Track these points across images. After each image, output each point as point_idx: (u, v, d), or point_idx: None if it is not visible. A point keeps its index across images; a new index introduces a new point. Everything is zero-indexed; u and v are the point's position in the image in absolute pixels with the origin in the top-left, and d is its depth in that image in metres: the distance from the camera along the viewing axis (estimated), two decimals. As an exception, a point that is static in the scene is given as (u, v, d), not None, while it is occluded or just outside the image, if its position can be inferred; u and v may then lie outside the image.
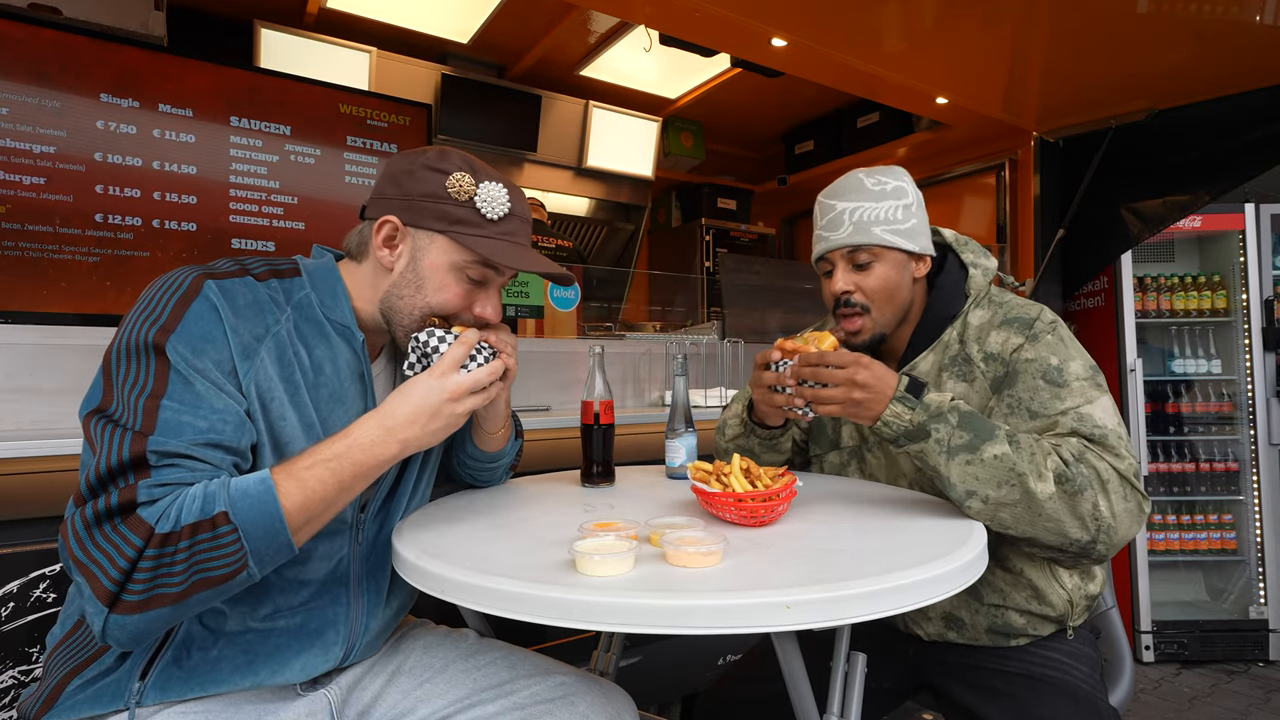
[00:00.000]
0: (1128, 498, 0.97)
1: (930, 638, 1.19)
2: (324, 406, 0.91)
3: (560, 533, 0.93)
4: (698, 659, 2.09)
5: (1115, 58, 2.59)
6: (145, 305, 0.82)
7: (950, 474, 0.97)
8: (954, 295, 1.19)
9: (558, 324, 2.71)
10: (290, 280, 0.93)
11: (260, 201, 2.62)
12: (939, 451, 0.97)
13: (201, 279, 0.84)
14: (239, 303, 0.85)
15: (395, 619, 1.06)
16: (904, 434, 1.00)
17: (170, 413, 0.76)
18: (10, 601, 1.31)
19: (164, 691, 0.83)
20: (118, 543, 0.70)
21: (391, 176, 0.96)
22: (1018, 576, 1.11)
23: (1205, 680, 2.87)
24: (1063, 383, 1.04)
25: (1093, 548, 0.97)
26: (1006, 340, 1.11)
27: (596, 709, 0.94)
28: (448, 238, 0.94)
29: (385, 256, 0.95)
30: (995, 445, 0.95)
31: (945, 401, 0.99)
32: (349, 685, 0.98)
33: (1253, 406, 3.11)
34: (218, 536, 0.73)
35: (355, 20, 3.09)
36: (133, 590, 0.70)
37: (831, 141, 4.09)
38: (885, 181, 1.16)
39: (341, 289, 0.95)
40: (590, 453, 1.26)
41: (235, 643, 0.87)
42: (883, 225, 1.14)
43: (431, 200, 0.93)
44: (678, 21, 2.43)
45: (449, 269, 0.95)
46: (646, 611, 0.68)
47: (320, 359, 0.91)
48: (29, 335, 1.53)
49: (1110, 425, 1.01)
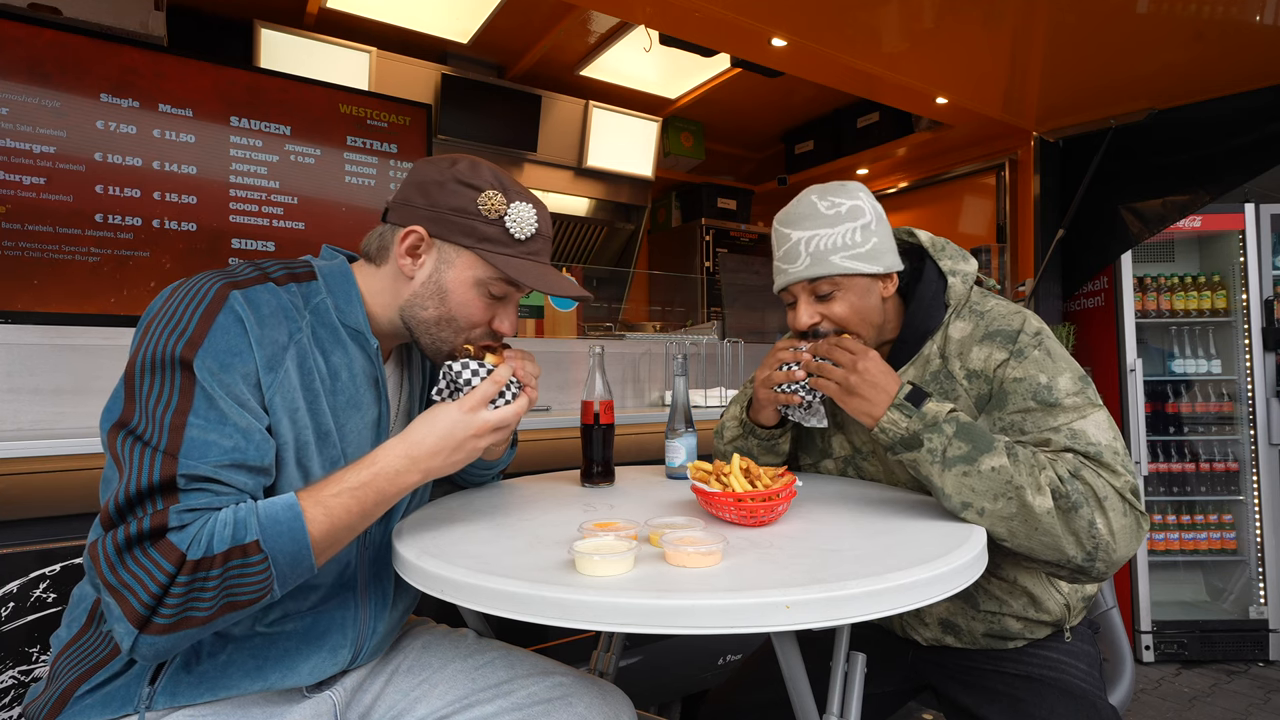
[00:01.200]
0: (1126, 514, 0.94)
1: (928, 642, 1.19)
2: (340, 414, 0.91)
3: (560, 533, 0.93)
4: (698, 659, 2.10)
5: (1115, 58, 2.59)
6: (169, 315, 0.81)
7: (944, 485, 0.96)
8: (933, 306, 1.14)
9: (558, 324, 2.71)
10: (307, 284, 0.93)
11: (260, 201, 2.62)
12: (930, 461, 0.96)
13: (226, 289, 0.83)
14: (263, 311, 0.84)
15: (401, 621, 1.06)
16: (899, 441, 0.99)
17: (197, 430, 0.76)
18: (10, 601, 1.31)
19: (174, 696, 0.84)
20: (149, 568, 0.71)
21: (420, 185, 0.96)
22: (1013, 585, 1.11)
23: (1205, 680, 2.87)
24: (1054, 401, 1.01)
25: (1091, 566, 0.94)
26: (990, 356, 1.07)
27: (594, 709, 0.94)
28: (474, 254, 0.94)
29: (407, 265, 0.95)
30: (993, 457, 0.94)
31: (943, 411, 0.98)
32: (353, 687, 0.99)
33: (1253, 406, 3.11)
34: (248, 564, 0.75)
35: (355, 20, 3.09)
36: (163, 614, 0.72)
37: (831, 141, 4.09)
38: (839, 203, 1.11)
39: (356, 294, 0.95)
40: (590, 453, 1.26)
41: (244, 647, 0.87)
42: (841, 252, 1.09)
43: (461, 215, 0.94)
44: (678, 21, 2.43)
45: (473, 284, 0.95)
46: (646, 611, 0.68)
47: (336, 365, 0.91)
48: (29, 335, 1.54)
49: (1105, 441, 0.97)
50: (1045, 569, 1.00)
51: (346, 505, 0.82)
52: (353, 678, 0.99)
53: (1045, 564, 0.98)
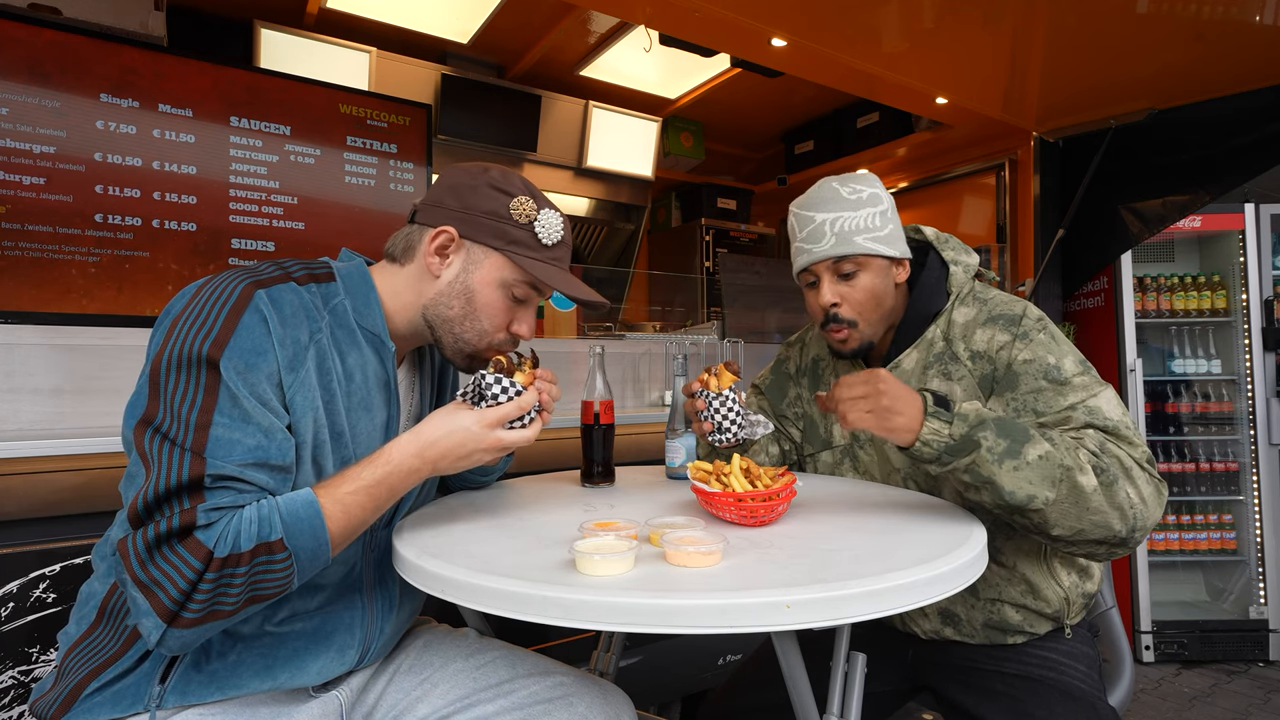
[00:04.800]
0: (1149, 482, 0.97)
1: (928, 635, 1.19)
2: (354, 415, 0.92)
3: (560, 532, 0.93)
4: (698, 659, 2.10)
5: (1115, 58, 2.59)
6: (195, 314, 0.82)
7: (1004, 482, 0.93)
8: (936, 292, 1.20)
9: (558, 324, 2.71)
10: (326, 285, 0.94)
11: (260, 201, 2.62)
12: (991, 460, 0.93)
13: (252, 288, 0.84)
14: (286, 311, 0.85)
15: (407, 622, 1.07)
16: (946, 450, 0.95)
17: (222, 429, 0.78)
18: (10, 601, 1.31)
19: (184, 695, 0.84)
20: (178, 565, 0.74)
21: (453, 188, 0.98)
22: (1011, 571, 1.12)
23: (1205, 680, 2.87)
24: (1064, 380, 1.04)
25: (1131, 537, 0.96)
26: (993, 338, 1.11)
27: (595, 709, 0.95)
28: (503, 255, 0.97)
29: (435, 264, 0.97)
30: (1035, 446, 0.93)
31: (979, 408, 0.96)
32: (359, 687, 0.99)
33: (1253, 406, 3.11)
34: (273, 561, 0.78)
35: (355, 20, 3.09)
36: (192, 609, 0.74)
37: (831, 141, 4.09)
38: (860, 189, 1.16)
39: (375, 296, 0.96)
40: (590, 453, 1.26)
41: (253, 647, 0.88)
42: (864, 234, 1.14)
43: (493, 218, 0.96)
44: (678, 21, 2.43)
45: (499, 285, 0.98)
46: (646, 611, 0.68)
47: (352, 367, 0.93)
48: (29, 335, 1.54)
49: (1118, 416, 1.01)
50: (1085, 550, 0.99)
51: (360, 502, 0.85)
52: (358, 678, 0.99)
53: (1090, 544, 0.97)
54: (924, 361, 1.17)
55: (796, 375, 1.39)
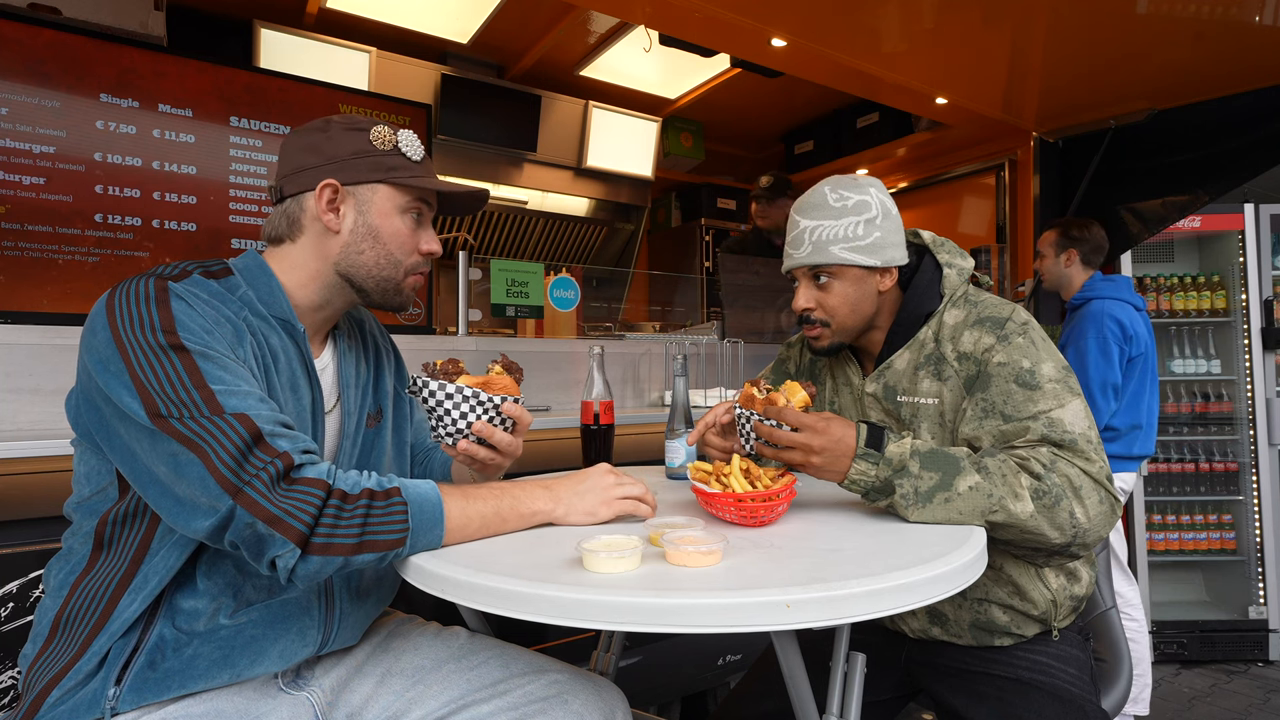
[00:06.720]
0: (1101, 501, 0.98)
1: (915, 634, 1.20)
2: (284, 395, 0.93)
3: (560, 532, 0.93)
4: (698, 659, 2.10)
5: (1115, 58, 2.59)
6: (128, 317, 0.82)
7: (933, 518, 0.97)
8: (929, 294, 1.21)
9: (557, 324, 2.71)
10: (226, 280, 0.94)
11: (260, 201, 2.62)
12: (906, 505, 0.97)
13: (161, 281, 0.86)
14: (204, 296, 0.87)
15: (376, 610, 1.06)
16: (872, 489, 1.00)
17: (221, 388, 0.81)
18: (10, 601, 1.31)
19: (140, 695, 0.83)
20: (302, 493, 0.79)
21: (307, 148, 0.98)
22: (998, 572, 1.12)
23: (1205, 680, 2.87)
24: (1035, 385, 1.05)
25: (1068, 549, 1.00)
26: (979, 340, 1.12)
27: (591, 706, 0.94)
28: (388, 185, 0.99)
29: (332, 220, 0.97)
30: (966, 477, 0.97)
31: (905, 451, 0.99)
32: (333, 687, 0.98)
33: (1252, 406, 3.11)
34: (390, 507, 0.83)
35: (355, 20, 3.10)
36: (320, 534, 0.79)
37: (831, 142, 4.09)
38: (848, 196, 1.16)
39: (276, 282, 0.97)
40: (590, 453, 1.26)
41: (210, 640, 0.87)
42: (841, 244, 1.15)
43: (362, 156, 0.98)
44: (677, 21, 2.43)
45: (397, 212, 1.00)
46: (647, 610, 0.68)
47: (275, 349, 0.94)
48: (29, 335, 1.54)
49: (1080, 430, 1.02)
50: (1023, 554, 1.06)
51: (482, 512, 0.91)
52: (332, 677, 0.98)
53: (1027, 550, 1.03)
54: (915, 362, 1.18)
55: (796, 375, 1.40)
